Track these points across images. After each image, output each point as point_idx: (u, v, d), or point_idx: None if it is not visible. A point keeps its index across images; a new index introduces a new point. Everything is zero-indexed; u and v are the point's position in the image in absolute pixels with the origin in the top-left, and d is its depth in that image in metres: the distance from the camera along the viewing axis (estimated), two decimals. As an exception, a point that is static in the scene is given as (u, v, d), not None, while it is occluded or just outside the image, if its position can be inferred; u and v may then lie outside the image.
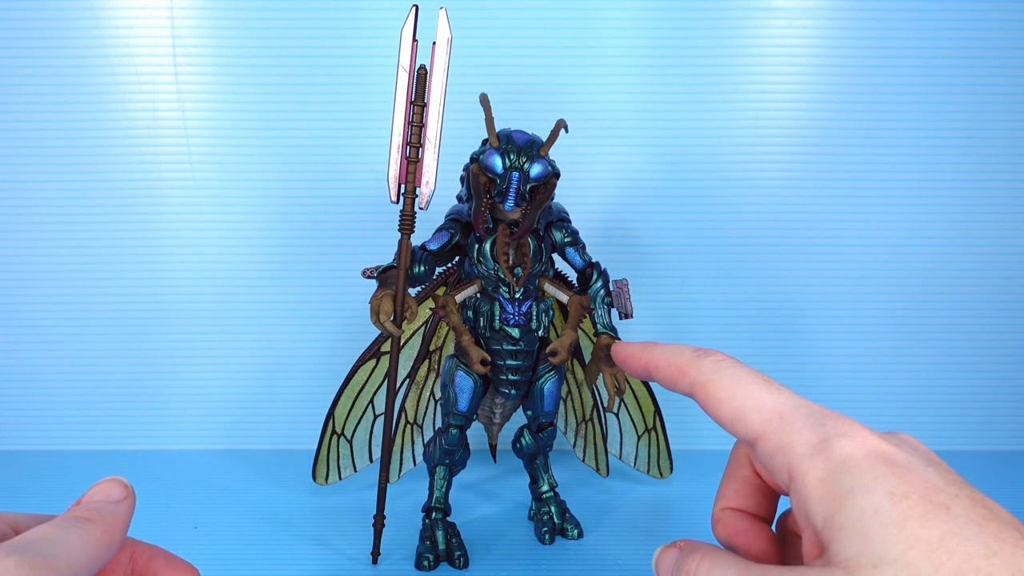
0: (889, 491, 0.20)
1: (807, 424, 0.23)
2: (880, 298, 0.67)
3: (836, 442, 0.22)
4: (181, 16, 0.61)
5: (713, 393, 0.25)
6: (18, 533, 0.23)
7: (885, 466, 0.21)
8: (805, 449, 0.22)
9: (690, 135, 0.64)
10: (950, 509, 0.20)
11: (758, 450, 0.24)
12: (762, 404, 0.24)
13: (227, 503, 0.56)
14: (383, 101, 0.44)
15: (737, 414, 0.24)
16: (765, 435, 0.24)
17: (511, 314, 0.47)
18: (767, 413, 0.24)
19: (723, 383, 0.25)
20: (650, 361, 0.28)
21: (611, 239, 0.65)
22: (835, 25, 0.63)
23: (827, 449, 0.22)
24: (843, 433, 0.22)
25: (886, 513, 0.20)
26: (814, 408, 0.24)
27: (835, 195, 0.65)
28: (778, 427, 0.23)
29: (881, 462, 0.21)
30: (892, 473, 0.21)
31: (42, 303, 0.65)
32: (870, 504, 0.20)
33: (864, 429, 0.23)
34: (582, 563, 0.48)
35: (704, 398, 0.25)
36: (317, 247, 0.65)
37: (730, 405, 0.25)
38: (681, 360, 0.27)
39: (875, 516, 0.20)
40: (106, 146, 0.63)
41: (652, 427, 0.57)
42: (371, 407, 0.54)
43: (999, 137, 0.64)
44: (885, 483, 0.21)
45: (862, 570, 0.20)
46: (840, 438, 0.22)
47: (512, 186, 0.43)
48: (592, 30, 0.62)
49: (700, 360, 0.26)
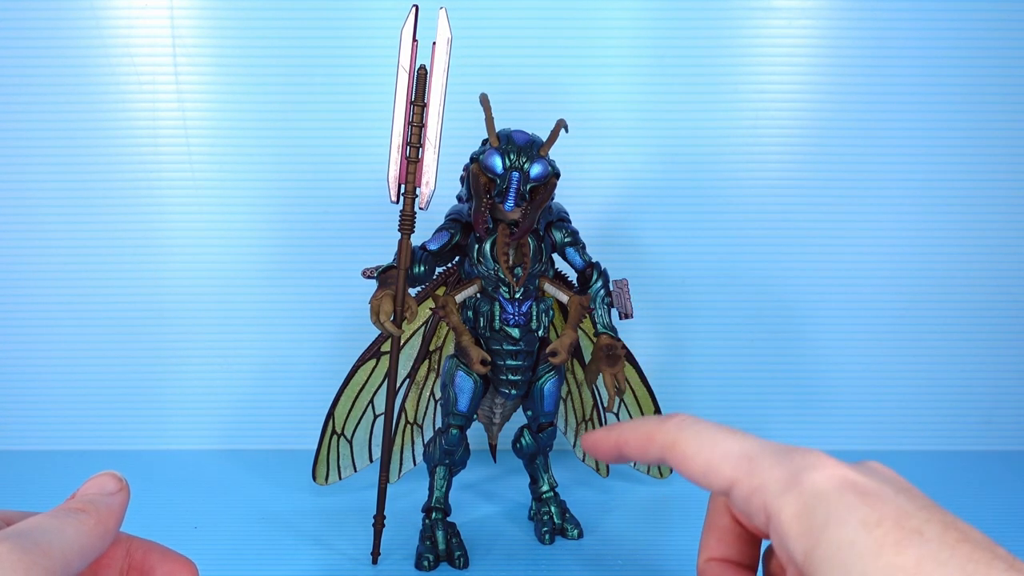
0: (862, 520, 0.21)
1: (776, 462, 0.24)
2: (880, 298, 0.67)
3: (806, 475, 0.23)
4: (181, 16, 0.61)
5: (682, 451, 0.26)
6: None
7: (855, 495, 0.22)
8: (777, 487, 0.23)
9: (690, 135, 0.64)
10: (923, 534, 0.20)
11: (734, 496, 0.24)
12: (730, 451, 0.25)
13: (227, 503, 0.56)
14: (383, 101, 0.44)
15: (708, 466, 0.25)
16: (738, 480, 0.24)
17: (511, 314, 0.47)
18: (736, 459, 0.24)
19: (689, 439, 0.26)
20: (618, 439, 0.28)
21: (611, 239, 0.65)
22: (835, 25, 0.63)
23: (798, 483, 0.22)
24: (811, 465, 0.23)
25: (861, 544, 0.20)
26: (780, 447, 0.24)
27: (835, 195, 0.65)
28: (748, 470, 0.24)
29: (851, 492, 0.22)
30: (863, 502, 0.21)
31: (42, 303, 0.65)
32: (845, 536, 0.21)
33: (831, 460, 0.23)
34: (582, 563, 0.48)
35: (674, 458, 0.26)
36: (317, 247, 0.65)
37: (700, 459, 0.25)
38: (647, 429, 0.27)
39: (851, 548, 0.20)
40: (106, 146, 0.63)
41: (652, 427, 0.56)
42: (371, 407, 0.54)
43: (999, 137, 0.64)
44: (857, 513, 0.21)
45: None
46: (809, 471, 0.23)
47: (512, 186, 0.43)
48: (592, 30, 0.62)
49: (664, 424, 0.26)
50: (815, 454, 0.23)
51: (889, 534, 0.20)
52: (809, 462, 0.23)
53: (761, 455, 0.24)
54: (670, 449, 0.26)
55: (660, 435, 0.26)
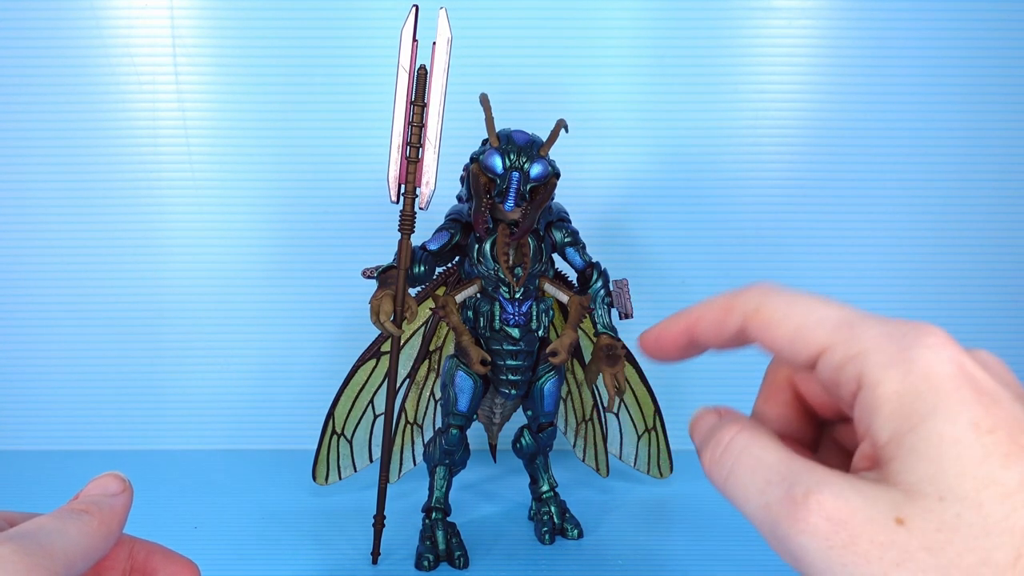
0: (974, 422, 0.18)
1: (883, 332, 0.20)
2: (879, 297, 0.67)
3: (919, 352, 0.19)
4: (181, 16, 0.61)
5: (768, 316, 0.22)
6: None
7: (973, 392, 0.19)
8: (882, 357, 0.20)
9: (690, 135, 0.64)
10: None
11: (822, 364, 0.21)
12: (827, 317, 0.21)
13: (227, 503, 0.56)
14: (383, 101, 0.44)
15: (798, 331, 0.21)
16: (832, 345, 0.20)
17: (511, 314, 0.47)
18: (834, 324, 0.21)
19: (779, 303, 0.22)
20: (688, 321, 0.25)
21: (611, 239, 0.65)
22: (835, 25, 0.63)
23: (908, 360, 0.19)
24: (927, 343, 0.19)
25: (967, 444, 0.18)
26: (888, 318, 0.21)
27: (835, 195, 0.65)
28: (848, 336, 0.20)
29: (969, 386, 0.19)
30: (979, 402, 0.19)
31: (42, 303, 0.65)
32: (950, 432, 0.18)
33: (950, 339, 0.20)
34: (582, 563, 0.48)
35: (758, 324, 0.22)
36: (317, 247, 0.65)
37: (789, 324, 0.21)
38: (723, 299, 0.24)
39: (954, 445, 0.18)
40: (106, 146, 0.63)
41: (652, 427, 0.57)
42: (371, 407, 0.54)
43: (999, 137, 0.64)
44: (971, 412, 0.18)
45: (926, 499, 0.18)
46: (924, 348, 0.19)
47: (512, 186, 0.43)
48: (592, 30, 0.62)
49: (745, 291, 0.23)
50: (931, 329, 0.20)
51: (1000, 444, 0.18)
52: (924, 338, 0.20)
53: (865, 322, 0.20)
54: (753, 315, 0.23)
55: (741, 301, 0.23)
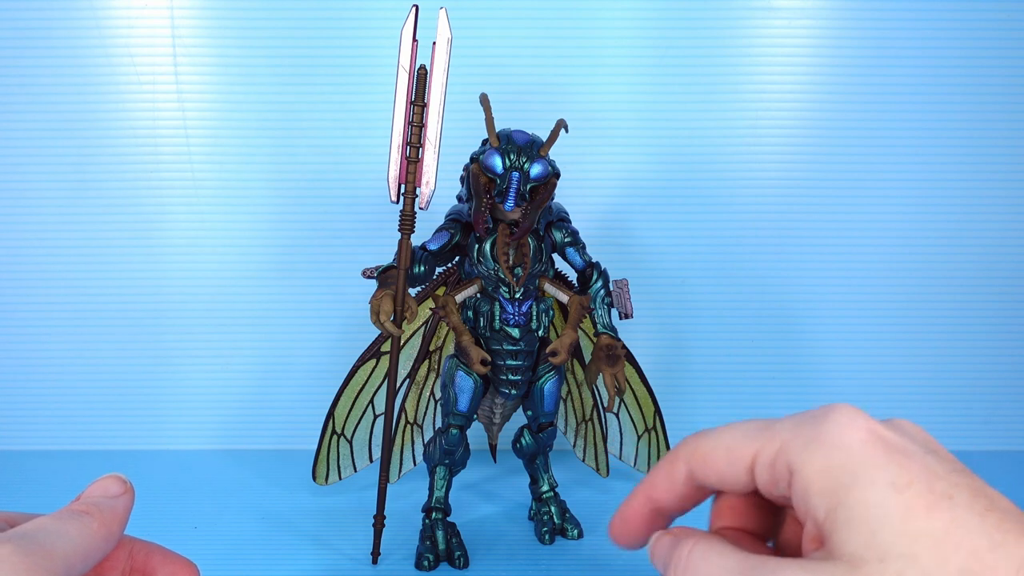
0: (891, 481, 0.20)
1: (798, 422, 0.23)
2: (879, 298, 0.67)
3: (829, 428, 0.22)
4: (181, 16, 0.61)
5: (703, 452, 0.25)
6: None
7: (884, 453, 0.21)
8: (800, 442, 0.22)
9: (690, 135, 0.64)
10: (952, 499, 0.20)
11: (758, 470, 0.23)
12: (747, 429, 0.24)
13: (227, 503, 0.56)
14: (383, 101, 0.44)
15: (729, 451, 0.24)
16: (759, 450, 0.23)
17: (511, 314, 0.47)
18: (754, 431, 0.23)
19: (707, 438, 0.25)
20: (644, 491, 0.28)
21: (611, 239, 0.65)
22: (835, 25, 0.63)
23: (823, 438, 0.21)
24: (835, 420, 0.22)
25: (890, 506, 0.20)
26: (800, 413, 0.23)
27: (835, 195, 0.65)
28: (769, 436, 0.23)
29: (880, 448, 0.21)
30: (891, 460, 0.20)
31: (42, 303, 0.65)
32: (873, 497, 0.20)
33: (858, 413, 0.22)
34: (582, 563, 0.48)
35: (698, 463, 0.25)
36: (317, 247, 0.65)
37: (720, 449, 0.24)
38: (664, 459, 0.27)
39: (879, 509, 0.20)
40: (106, 146, 0.63)
41: (652, 427, 0.57)
42: (371, 407, 0.54)
43: (1000, 136, 0.64)
44: (886, 473, 0.20)
45: (867, 565, 0.19)
46: (832, 424, 0.22)
47: (512, 186, 0.43)
48: (592, 30, 0.62)
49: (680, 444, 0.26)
50: (837, 407, 0.22)
51: (919, 497, 0.20)
52: (832, 416, 0.22)
53: (780, 421, 0.23)
54: (692, 456, 0.25)
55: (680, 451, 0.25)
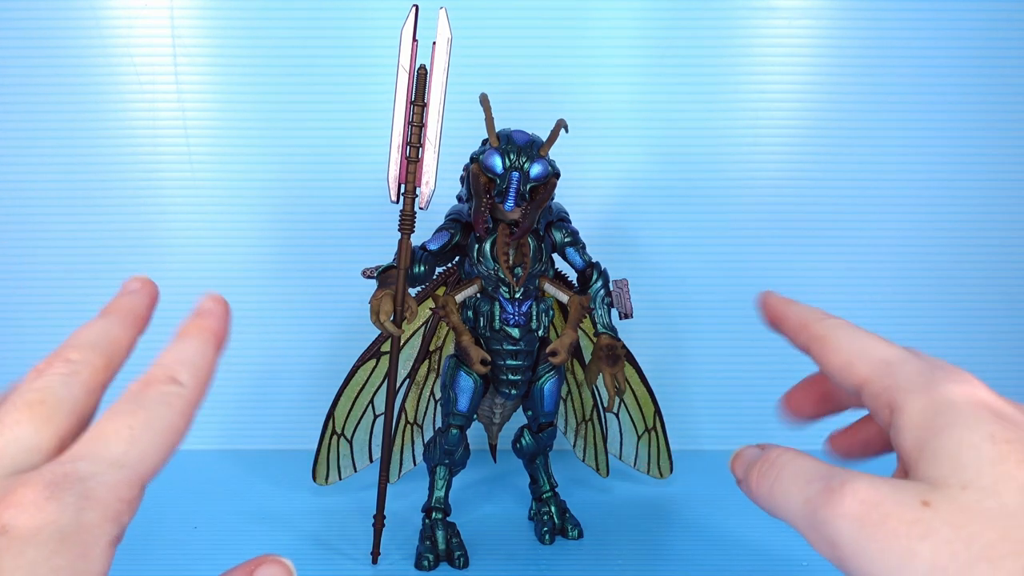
0: (991, 433, 0.20)
1: (916, 369, 0.23)
2: (880, 298, 0.67)
3: (943, 385, 0.22)
4: (181, 16, 0.61)
5: (828, 346, 0.26)
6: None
7: (991, 414, 0.21)
8: (909, 387, 0.22)
9: (690, 135, 0.64)
10: None
11: (864, 396, 0.24)
12: (871, 353, 0.24)
13: (227, 503, 0.56)
14: (383, 101, 0.44)
15: (846, 363, 0.25)
16: (871, 379, 0.24)
17: (511, 314, 0.47)
18: (875, 361, 0.24)
19: (839, 337, 0.26)
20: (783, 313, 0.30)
21: (611, 239, 0.65)
22: (835, 25, 0.63)
23: (932, 389, 0.22)
24: (953, 379, 0.22)
25: (984, 449, 0.20)
26: (927, 358, 0.24)
27: (835, 195, 0.65)
28: (884, 371, 0.23)
29: (987, 410, 0.21)
30: (997, 420, 0.20)
31: (42, 303, 0.65)
32: (968, 439, 0.20)
33: (978, 382, 0.22)
34: (582, 563, 0.48)
35: (819, 350, 0.26)
36: (317, 247, 0.65)
37: (841, 355, 0.25)
38: (808, 317, 0.28)
39: (971, 449, 0.20)
40: (106, 146, 0.63)
41: (652, 427, 0.57)
42: (371, 407, 0.54)
43: (1001, 136, 0.64)
44: (988, 427, 0.20)
45: (949, 488, 0.19)
46: (949, 383, 0.22)
47: (512, 186, 0.43)
48: (592, 30, 0.62)
49: (823, 320, 0.27)
50: (961, 371, 0.23)
51: (1016, 452, 0.19)
52: (952, 375, 0.22)
53: (902, 360, 0.23)
54: (817, 340, 0.26)
55: (815, 327, 0.27)
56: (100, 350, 0.23)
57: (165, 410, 0.22)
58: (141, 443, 0.21)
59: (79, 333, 0.24)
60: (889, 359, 0.24)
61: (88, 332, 0.24)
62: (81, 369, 0.23)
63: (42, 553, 0.18)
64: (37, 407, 0.21)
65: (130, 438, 0.21)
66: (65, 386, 0.22)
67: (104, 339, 0.24)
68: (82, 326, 0.24)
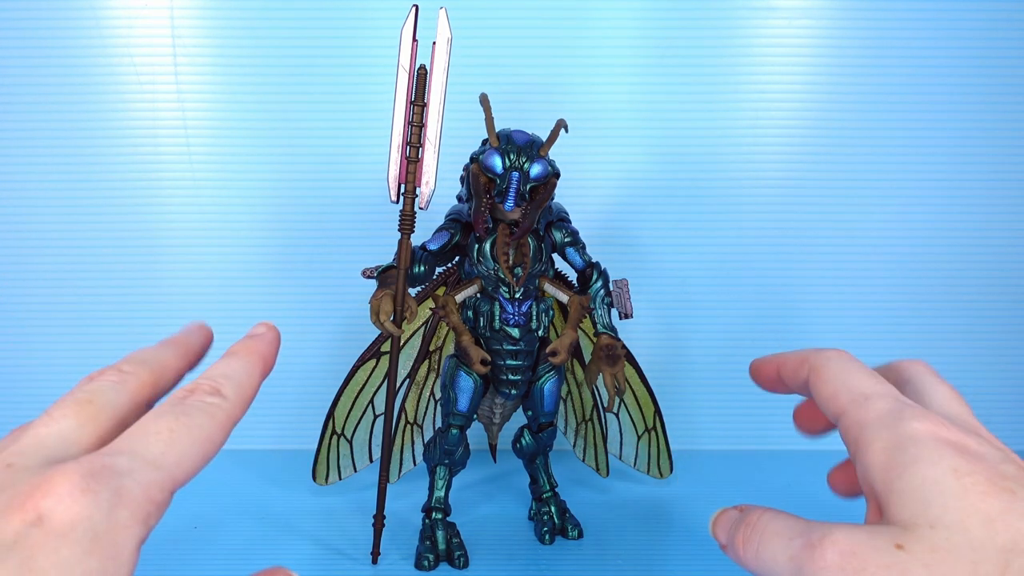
0: (953, 468, 0.21)
1: (886, 408, 0.24)
2: (881, 298, 0.67)
3: (906, 422, 0.23)
4: (181, 16, 0.61)
5: (819, 376, 0.27)
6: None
7: (952, 448, 0.21)
8: (875, 423, 0.23)
9: (690, 135, 0.64)
10: (1014, 493, 0.20)
11: (840, 427, 0.25)
12: (853, 386, 0.25)
13: (227, 503, 0.56)
14: (383, 101, 0.44)
15: (832, 394, 0.26)
16: (847, 412, 0.25)
17: (511, 314, 0.47)
18: (854, 394, 0.25)
19: (831, 367, 0.27)
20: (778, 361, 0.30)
21: (611, 239, 0.65)
22: (835, 25, 0.63)
23: (895, 426, 0.23)
24: (917, 417, 0.23)
25: (947, 484, 0.20)
26: (904, 399, 0.24)
27: (835, 195, 0.65)
28: (860, 405, 0.24)
29: (948, 445, 0.22)
30: (959, 454, 0.21)
31: (42, 303, 0.65)
32: (931, 475, 0.21)
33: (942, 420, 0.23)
34: (582, 563, 0.48)
35: (813, 382, 0.27)
36: (317, 247, 0.65)
37: (828, 386, 0.26)
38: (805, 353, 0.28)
39: (935, 486, 0.21)
40: (106, 146, 0.63)
41: (652, 427, 0.57)
42: (371, 407, 0.54)
43: (1001, 136, 0.64)
44: (949, 461, 0.21)
45: (918, 529, 0.20)
46: (911, 420, 0.23)
47: (512, 186, 0.43)
48: (592, 30, 0.62)
49: (821, 351, 0.28)
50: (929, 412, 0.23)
51: (979, 484, 0.20)
52: (918, 413, 0.23)
53: (879, 398, 0.24)
54: (815, 371, 0.27)
55: (813, 358, 0.28)
56: (151, 368, 0.25)
57: (206, 419, 0.23)
58: (178, 447, 0.22)
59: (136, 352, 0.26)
60: (868, 393, 0.25)
61: (144, 352, 0.26)
62: (130, 380, 0.24)
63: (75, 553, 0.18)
64: (84, 405, 0.22)
65: (169, 440, 0.22)
66: (113, 391, 0.23)
67: (156, 361, 0.25)
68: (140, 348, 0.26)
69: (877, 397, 0.24)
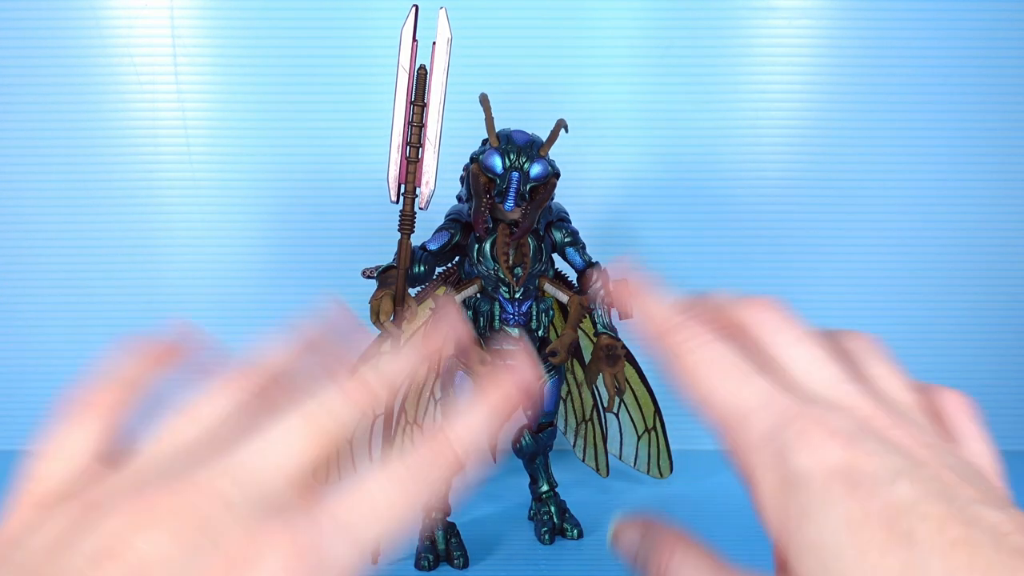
0: (845, 519, 0.19)
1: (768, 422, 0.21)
2: (880, 298, 0.67)
3: (791, 456, 0.20)
4: (181, 16, 0.61)
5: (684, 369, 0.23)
6: None
7: (843, 487, 0.19)
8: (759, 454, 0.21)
9: (690, 135, 0.64)
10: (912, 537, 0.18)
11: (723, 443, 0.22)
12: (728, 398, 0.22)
13: (227, 503, 0.56)
14: (383, 101, 0.44)
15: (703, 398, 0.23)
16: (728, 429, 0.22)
17: (511, 314, 0.47)
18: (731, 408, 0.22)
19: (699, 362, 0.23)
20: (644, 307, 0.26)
21: (611, 239, 0.65)
22: (835, 25, 0.63)
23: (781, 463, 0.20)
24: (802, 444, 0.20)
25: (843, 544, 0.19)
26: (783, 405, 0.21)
27: (834, 195, 0.65)
28: (739, 425, 0.22)
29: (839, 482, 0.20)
30: (849, 495, 0.19)
31: (42, 303, 0.65)
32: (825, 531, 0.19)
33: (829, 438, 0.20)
34: (582, 563, 0.48)
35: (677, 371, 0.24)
36: (317, 247, 0.65)
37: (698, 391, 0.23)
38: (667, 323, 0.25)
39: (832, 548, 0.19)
40: (106, 146, 0.63)
41: (652, 427, 0.57)
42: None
43: (1001, 136, 0.64)
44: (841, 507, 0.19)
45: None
46: (797, 452, 0.20)
47: (512, 186, 0.43)
48: (593, 30, 0.62)
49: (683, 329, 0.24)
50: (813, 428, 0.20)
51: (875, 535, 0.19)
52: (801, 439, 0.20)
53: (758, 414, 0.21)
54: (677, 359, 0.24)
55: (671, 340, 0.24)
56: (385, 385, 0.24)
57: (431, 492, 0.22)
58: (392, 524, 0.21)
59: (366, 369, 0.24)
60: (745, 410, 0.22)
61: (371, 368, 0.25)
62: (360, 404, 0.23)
63: None
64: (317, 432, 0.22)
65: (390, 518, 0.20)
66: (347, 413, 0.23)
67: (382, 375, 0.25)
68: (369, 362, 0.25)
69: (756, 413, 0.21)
